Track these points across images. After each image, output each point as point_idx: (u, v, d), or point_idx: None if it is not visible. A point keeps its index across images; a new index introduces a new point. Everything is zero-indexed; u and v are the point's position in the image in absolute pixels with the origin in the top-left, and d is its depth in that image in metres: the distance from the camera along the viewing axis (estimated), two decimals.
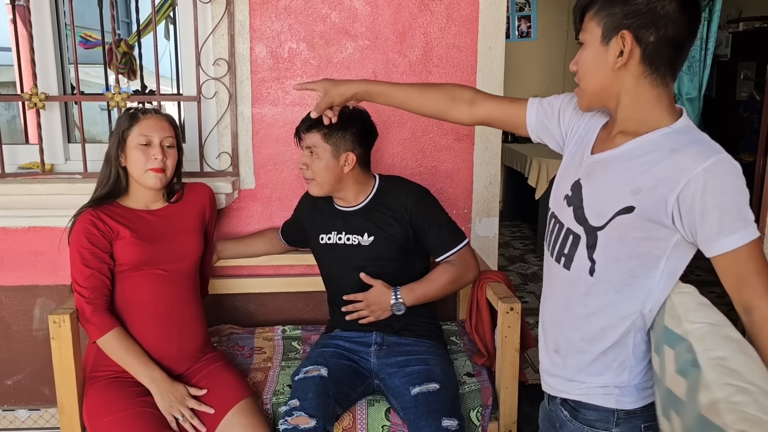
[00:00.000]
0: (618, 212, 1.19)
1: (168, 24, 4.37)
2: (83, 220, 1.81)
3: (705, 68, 2.46)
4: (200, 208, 2.02)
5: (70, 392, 1.82)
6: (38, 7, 2.28)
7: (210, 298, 2.30)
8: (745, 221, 1.10)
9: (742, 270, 1.12)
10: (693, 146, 1.13)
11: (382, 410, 1.87)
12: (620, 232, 1.19)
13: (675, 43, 1.16)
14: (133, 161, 1.85)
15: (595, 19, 1.19)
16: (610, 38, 1.17)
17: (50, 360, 1.81)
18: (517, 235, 5.66)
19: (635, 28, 1.15)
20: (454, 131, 2.41)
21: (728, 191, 1.09)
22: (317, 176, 1.96)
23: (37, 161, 2.28)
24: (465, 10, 2.33)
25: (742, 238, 1.10)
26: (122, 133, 1.85)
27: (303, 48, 2.32)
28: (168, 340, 1.85)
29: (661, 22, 1.14)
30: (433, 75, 2.36)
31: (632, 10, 1.15)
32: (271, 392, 1.94)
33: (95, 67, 5.74)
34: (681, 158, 1.12)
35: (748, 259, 1.11)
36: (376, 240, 1.99)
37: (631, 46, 1.16)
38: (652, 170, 1.15)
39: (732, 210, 1.09)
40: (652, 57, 1.17)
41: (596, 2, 1.19)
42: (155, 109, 1.97)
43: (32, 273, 2.37)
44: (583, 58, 1.24)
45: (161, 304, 1.85)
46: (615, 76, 1.20)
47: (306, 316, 2.50)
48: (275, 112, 2.35)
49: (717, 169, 1.09)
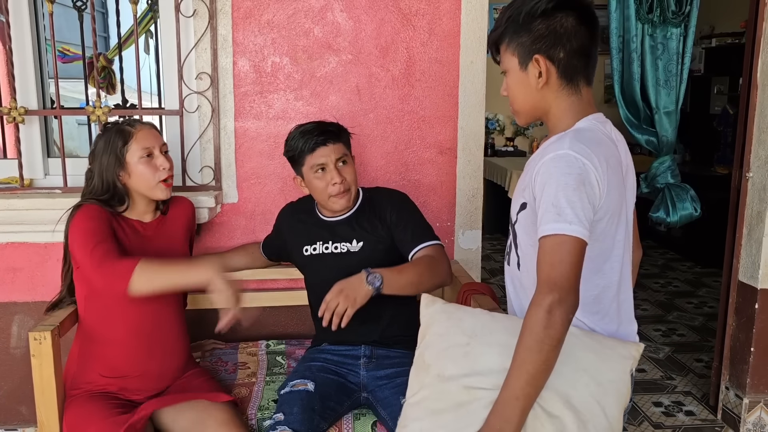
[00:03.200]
0: (519, 209, 1.35)
1: (147, 38, 4.36)
2: (90, 207, 1.75)
3: (681, 83, 2.51)
4: (186, 221, 2.01)
5: (51, 410, 1.78)
6: (18, 23, 2.26)
7: (192, 313, 2.28)
8: (557, 215, 1.17)
9: (541, 258, 1.19)
10: (552, 145, 1.26)
11: (368, 424, 1.86)
12: (524, 227, 1.34)
13: (582, 53, 1.31)
14: (140, 176, 1.81)
15: (509, 50, 1.34)
16: (527, 64, 1.32)
17: (28, 378, 1.78)
18: (498, 248, 5.70)
19: (545, 50, 1.30)
20: (437, 145, 2.43)
21: (550, 184, 1.20)
22: (354, 185, 1.99)
23: (16, 176, 2.25)
24: (447, 25, 2.36)
25: (549, 229, 1.18)
26: (119, 151, 1.79)
27: (286, 62, 2.33)
28: (151, 359, 1.82)
29: (565, 38, 1.29)
30: (416, 89, 2.38)
31: (537, 35, 1.29)
32: (255, 407, 1.92)
33: (72, 82, 5.69)
34: (542, 156, 1.26)
35: (550, 249, 1.18)
36: (365, 244, 1.99)
37: (546, 66, 1.30)
38: (530, 168, 1.31)
39: (548, 202, 1.19)
40: (566, 70, 1.31)
41: (505, 35, 1.34)
42: (136, 119, 1.93)
43: (10, 289, 2.33)
44: (509, 85, 1.38)
45: (146, 322, 1.82)
46: (541, 95, 1.34)
47: (290, 330, 2.49)
48: (258, 126, 2.35)
49: (549, 163, 1.22)
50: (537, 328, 1.15)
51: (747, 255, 2.62)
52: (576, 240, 1.16)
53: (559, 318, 1.14)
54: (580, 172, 1.20)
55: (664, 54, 2.46)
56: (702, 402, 2.98)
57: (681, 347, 3.61)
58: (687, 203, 2.54)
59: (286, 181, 2.38)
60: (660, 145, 2.54)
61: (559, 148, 1.22)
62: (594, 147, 1.25)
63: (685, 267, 5.22)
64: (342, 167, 1.96)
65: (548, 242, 1.18)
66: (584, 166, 1.20)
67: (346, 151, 2.00)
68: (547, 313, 1.14)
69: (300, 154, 1.96)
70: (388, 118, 2.40)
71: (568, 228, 1.16)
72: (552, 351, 1.16)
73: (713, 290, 4.53)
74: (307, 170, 1.97)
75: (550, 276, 1.16)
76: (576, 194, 1.18)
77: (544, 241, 1.18)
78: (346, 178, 1.96)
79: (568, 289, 1.15)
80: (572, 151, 1.21)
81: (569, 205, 1.17)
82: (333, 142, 1.96)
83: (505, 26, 1.33)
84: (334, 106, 2.36)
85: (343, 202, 1.98)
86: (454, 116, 2.41)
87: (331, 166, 1.94)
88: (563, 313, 1.14)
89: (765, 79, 2.51)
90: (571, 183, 1.18)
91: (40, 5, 2.34)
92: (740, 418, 2.68)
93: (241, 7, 2.27)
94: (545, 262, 1.17)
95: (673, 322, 3.97)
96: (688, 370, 3.31)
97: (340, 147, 1.97)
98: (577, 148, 1.21)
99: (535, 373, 1.16)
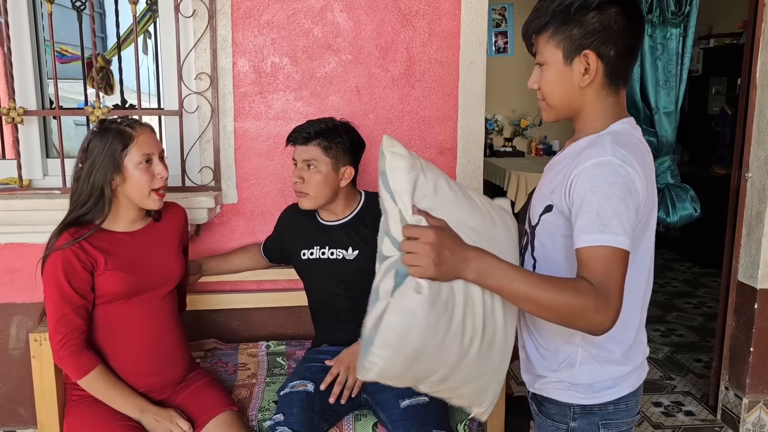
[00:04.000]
0: (543, 211, 1.29)
1: (145, 39, 4.36)
2: (64, 253, 1.66)
3: (681, 83, 2.51)
4: (178, 229, 1.94)
5: (51, 412, 1.78)
6: (17, 23, 2.25)
7: (192, 315, 2.28)
8: (602, 225, 1.12)
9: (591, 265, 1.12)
10: (589, 149, 1.20)
11: (369, 425, 1.86)
12: (548, 230, 1.28)
13: (630, 52, 1.26)
14: (135, 183, 1.72)
15: (553, 41, 1.26)
16: (573, 58, 1.25)
17: (27, 379, 1.78)
18: None
19: (596, 45, 1.22)
20: (437, 145, 2.43)
21: (594, 192, 1.14)
22: (313, 190, 1.94)
23: (15, 177, 2.24)
24: (447, 26, 2.35)
25: (595, 240, 1.12)
26: (117, 155, 1.69)
27: (286, 62, 2.32)
28: (153, 374, 1.80)
29: (617, 35, 1.22)
30: (416, 89, 2.38)
31: (589, 29, 1.22)
32: (256, 408, 1.92)
33: (69, 83, 5.68)
34: (578, 159, 1.20)
35: (597, 258, 1.12)
36: (361, 254, 1.98)
37: (596, 63, 1.23)
38: (562, 171, 1.24)
39: (592, 211, 1.13)
40: (614, 69, 1.25)
41: (550, 25, 1.26)
42: (136, 120, 1.81)
43: (9, 291, 2.32)
44: (546, 78, 1.29)
45: (145, 337, 1.78)
46: (581, 92, 1.27)
47: (290, 331, 2.48)
48: (258, 126, 2.35)
49: (592, 171, 1.16)
50: (575, 300, 1.09)
51: (746, 255, 2.62)
52: (623, 252, 1.12)
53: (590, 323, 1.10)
54: (626, 181, 1.14)
55: (664, 54, 2.46)
56: (701, 402, 2.98)
57: (680, 347, 3.62)
58: (687, 203, 2.54)
59: (285, 182, 2.37)
60: (660, 146, 2.54)
61: (602, 154, 1.16)
62: (634, 153, 1.20)
63: (683, 267, 5.23)
64: (306, 170, 1.94)
65: (592, 253, 1.12)
66: (629, 175, 1.15)
67: (319, 156, 1.93)
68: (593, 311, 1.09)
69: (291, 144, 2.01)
70: (387, 118, 2.39)
71: (615, 240, 1.11)
72: (556, 316, 1.11)
73: (712, 290, 4.54)
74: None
75: (604, 285, 1.10)
76: (622, 204, 1.13)
77: (588, 252, 1.13)
78: (305, 180, 1.94)
79: (615, 308, 1.10)
80: (616, 159, 1.15)
81: (615, 216, 1.12)
82: (303, 144, 1.95)
83: (551, 16, 1.24)
84: (333, 107, 2.36)
85: (301, 202, 1.98)
86: (454, 116, 2.41)
87: (298, 165, 1.96)
88: (595, 326, 1.10)
89: (764, 79, 2.51)
90: (617, 192, 1.13)
91: (39, 5, 2.34)
92: (740, 418, 2.68)
93: (240, 7, 2.27)
94: (597, 270, 1.11)
95: (672, 322, 3.98)
96: (688, 371, 3.32)
97: (311, 149, 1.94)
98: (620, 155, 1.16)
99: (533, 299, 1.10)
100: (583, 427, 1.33)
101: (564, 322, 1.12)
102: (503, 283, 1.12)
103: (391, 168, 1.17)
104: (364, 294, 1.98)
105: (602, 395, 1.31)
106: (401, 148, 1.20)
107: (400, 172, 1.17)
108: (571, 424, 1.33)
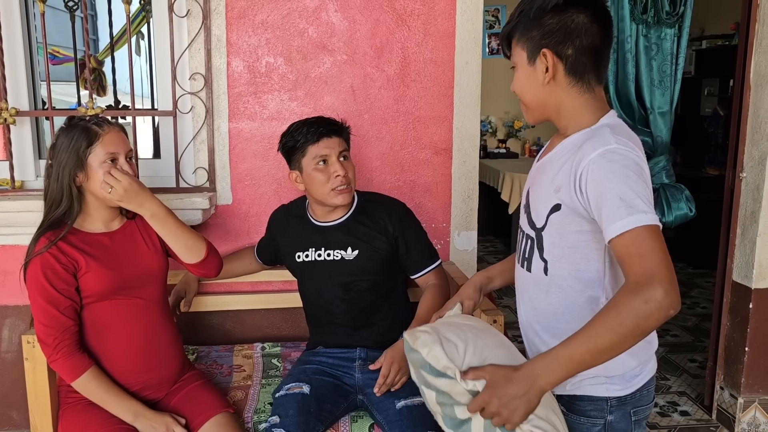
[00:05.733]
0: (550, 211, 1.30)
1: (138, 39, 4.33)
2: (43, 258, 1.64)
3: (675, 83, 2.51)
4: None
5: (45, 415, 1.75)
6: (9, 24, 2.24)
7: (186, 316, 2.26)
8: (629, 208, 1.13)
9: (625, 253, 1.13)
10: (590, 141, 1.23)
11: (365, 426, 1.85)
12: (558, 229, 1.29)
13: (592, 51, 1.28)
14: (98, 181, 1.68)
15: (519, 44, 1.32)
16: (534, 58, 1.30)
17: (19, 382, 1.76)
18: (491, 249, 5.70)
19: (553, 45, 1.27)
20: (432, 145, 2.42)
21: (611, 179, 1.16)
22: (353, 181, 1.96)
23: (7, 178, 2.22)
24: (442, 26, 2.35)
25: (626, 224, 1.13)
26: (81, 152, 1.67)
27: (280, 62, 2.31)
28: (148, 370, 1.78)
29: (574, 34, 1.26)
30: (411, 89, 2.37)
31: (546, 30, 1.27)
32: (252, 410, 1.90)
33: (60, 84, 5.65)
34: (580, 153, 1.22)
35: (632, 242, 1.12)
36: (361, 254, 1.97)
37: (554, 61, 1.28)
38: (564, 167, 1.26)
39: (615, 197, 1.14)
40: (574, 67, 1.28)
41: (516, 29, 1.32)
42: (105, 119, 1.78)
43: (1, 293, 2.30)
44: (517, 79, 1.36)
45: (137, 334, 1.77)
46: (548, 91, 1.31)
47: (285, 332, 2.47)
48: (252, 126, 2.34)
49: (602, 160, 1.18)
50: (625, 312, 1.08)
51: (741, 255, 2.63)
52: (655, 227, 1.12)
53: (656, 312, 1.08)
54: (635, 164, 1.17)
55: (659, 54, 2.46)
56: (697, 402, 2.98)
57: (675, 347, 3.62)
58: (682, 203, 2.54)
59: (280, 183, 2.36)
60: (655, 146, 2.54)
61: (606, 143, 1.19)
62: (633, 140, 1.24)
63: (677, 268, 5.10)
64: (343, 162, 1.94)
65: (627, 238, 1.12)
66: (637, 158, 1.18)
67: (347, 147, 1.98)
68: (645, 303, 1.07)
69: (303, 145, 1.91)
70: (383, 118, 2.39)
71: (645, 218, 1.11)
72: (631, 338, 1.10)
73: (706, 291, 4.56)
74: (308, 162, 1.91)
75: (644, 268, 1.10)
76: (640, 183, 1.15)
77: (622, 239, 1.12)
78: (348, 172, 1.93)
79: (669, 279, 1.09)
80: (620, 146, 1.18)
81: (638, 196, 1.13)
82: (337, 136, 1.94)
83: (516, 20, 1.31)
84: (328, 107, 2.35)
85: (341, 198, 1.92)
86: (449, 117, 2.41)
87: (333, 159, 1.91)
88: (663, 309, 1.08)
89: (758, 79, 2.52)
90: (632, 175, 1.15)
91: (31, 6, 2.32)
92: (735, 417, 2.68)
93: (235, 7, 2.26)
94: (633, 256, 1.11)
95: (667, 322, 3.93)
96: (683, 371, 3.32)
97: (342, 142, 1.95)
98: (623, 142, 1.19)
99: (603, 349, 1.11)
100: (618, 419, 1.35)
101: (646, 331, 1.10)
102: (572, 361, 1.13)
103: (431, 356, 1.21)
104: (361, 296, 1.99)
105: (633, 384, 1.34)
106: (423, 336, 1.24)
107: (439, 354, 1.21)
108: (608, 417, 1.34)
